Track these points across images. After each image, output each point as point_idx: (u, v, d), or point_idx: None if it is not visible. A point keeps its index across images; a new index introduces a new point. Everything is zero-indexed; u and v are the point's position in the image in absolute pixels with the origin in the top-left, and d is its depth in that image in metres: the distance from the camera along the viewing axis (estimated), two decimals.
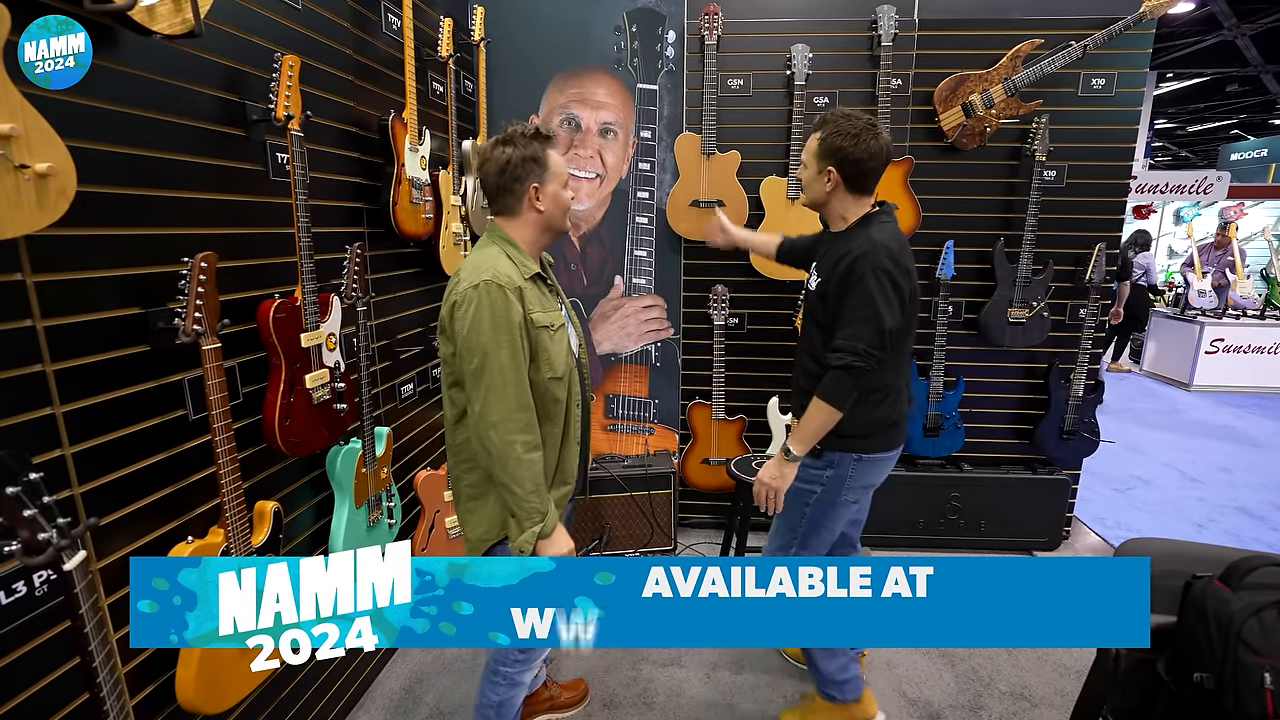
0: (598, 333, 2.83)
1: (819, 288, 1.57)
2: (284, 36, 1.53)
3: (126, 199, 1.15)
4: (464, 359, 1.27)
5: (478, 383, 1.25)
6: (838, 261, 1.51)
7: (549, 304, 1.37)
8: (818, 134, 1.54)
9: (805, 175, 1.60)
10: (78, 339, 1.06)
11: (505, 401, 1.25)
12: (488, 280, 1.24)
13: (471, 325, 1.24)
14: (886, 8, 2.49)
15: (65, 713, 1.05)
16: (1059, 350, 2.80)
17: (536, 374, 1.31)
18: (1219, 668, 1.16)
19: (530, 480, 1.28)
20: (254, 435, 1.45)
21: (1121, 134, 2.64)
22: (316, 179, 1.61)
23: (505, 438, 1.25)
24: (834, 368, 1.47)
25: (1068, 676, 2.10)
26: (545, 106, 2.66)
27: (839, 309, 1.50)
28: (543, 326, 1.32)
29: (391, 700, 2.01)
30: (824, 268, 1.57)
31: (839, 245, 1.55)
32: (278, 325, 1.42)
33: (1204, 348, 5.93)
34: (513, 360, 1.25)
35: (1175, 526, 3.31)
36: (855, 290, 1.46)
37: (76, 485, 1.07)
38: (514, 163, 1.30)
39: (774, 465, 1.59)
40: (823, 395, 1.49)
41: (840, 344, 1.47)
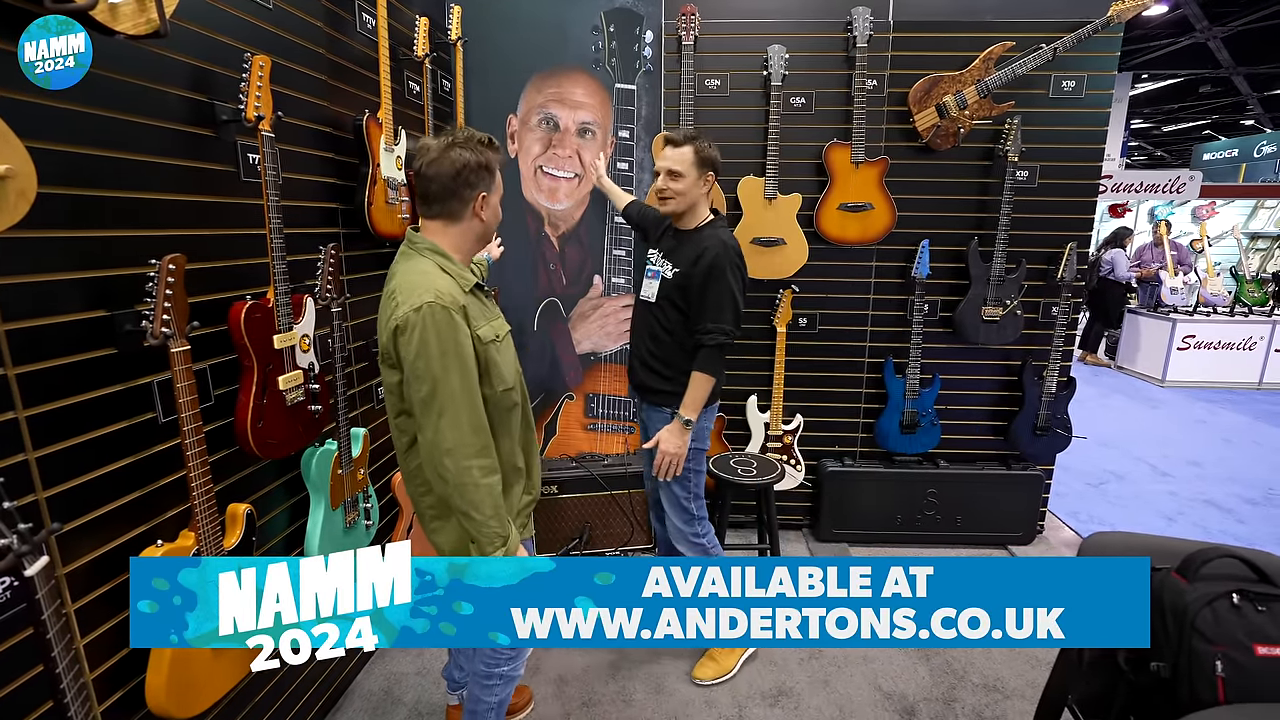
0: (577, 332, 2.83)
1: (678, 278, 1.86)
2: (255, 36, 1.52)
3: (91, 200, 1.14)
4: (412, 386, 1.22)
5: (428, 410, 1.21)
6: (698, 258, 1.80)
7: (490, 313, 1.36)
8: (692, 146, 1.81)
9: (683, 183, 1.82)
10: (41, 342, 1.05)
11: (459, 427, 1.21)
12: (430, 302, 1.19)
13: (418, 352, 1.19)
14: (861, 9, 2.51)
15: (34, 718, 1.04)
16: (1032, 348, 2.85)
17: (489, 389, 1.30)
18: (1174, 657, 1.19)
19: (490, 505, 1.24)
20: (227, 438, 1.44)
21: (1091, 135, 2.70)
22: (290, 179, 1.60)
23: (461, 464, 1.21)
24: (709, 346, 1.80)
25: (1039, 668, 2.15)
26: (523, 106, 2.66)
27: (704, 296, 1.80)
28: (489, 341, 1.30)
29: (369, 701, 2.00)
30: (682, 260, 1.86)
31: (694, 243, 1.85)
32: (249, 327, 1.41)
33: (1176, 344, 6.06)
34: (464, 384, 1.21)
35: (1146, 520, 3.39)
36: (719, 282, 1.79)
37: (41, 490, 1.06)
38: (470, 168, 1.26)
39: (676, 435, 1.87)
40: (703, 368, 1.82)
41: (712, 326, 1.80)
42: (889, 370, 2.83)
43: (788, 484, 2.87)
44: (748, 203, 2.64)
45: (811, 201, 2.68)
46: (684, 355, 1.88)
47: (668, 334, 1.91)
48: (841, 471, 2.89)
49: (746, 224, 2.65)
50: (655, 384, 1.95)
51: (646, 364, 1.97)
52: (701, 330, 1.82)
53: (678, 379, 1.88)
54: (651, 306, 1.95)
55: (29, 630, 1.01)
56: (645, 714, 1.96)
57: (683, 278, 1.85)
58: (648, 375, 1.97)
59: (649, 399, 2.00)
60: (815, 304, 2.84)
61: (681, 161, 1.81)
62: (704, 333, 1.81)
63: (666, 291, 1.90)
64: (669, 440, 1.87)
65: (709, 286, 1.79)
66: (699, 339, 1.82)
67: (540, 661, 2.16)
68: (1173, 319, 6.07)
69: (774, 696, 2.03)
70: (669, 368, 1.92)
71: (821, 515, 2.94)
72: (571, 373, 2.86)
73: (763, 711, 1.98)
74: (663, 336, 1.92)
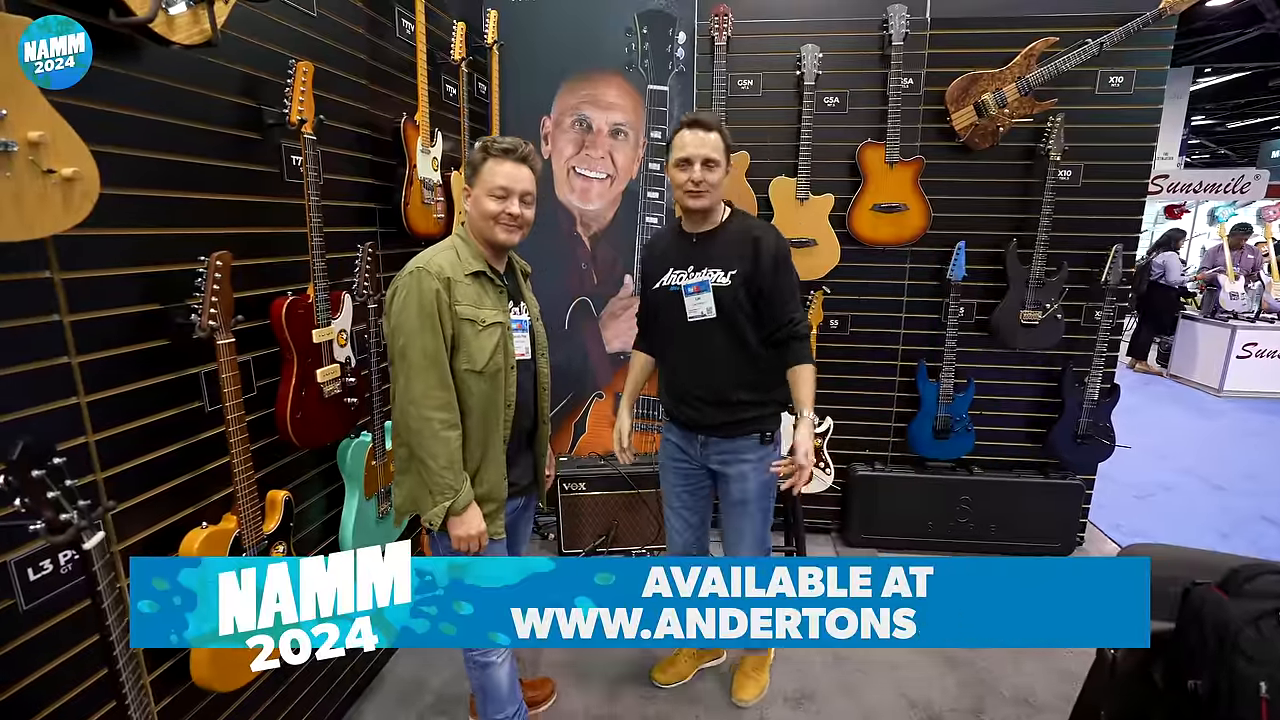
0: (608, 331, 2.86)
1: (739, 280, 1.62)
2: (300, 43, 1.59)
3: (147, 200, 1.21)
4: (393, 339, 1.36)
5: (402, 360, 1.35)
6: (756, 250, 1.62)
7: (489, 302, 1.42)
8: (720, 130, 1.61)
9: (719, 174, 1.61)
10: (101, 333, 1.13)
11: (425, 378, 1.34)
12: (420, 268, 1.35)
13: (401, 308, 1.34)
14: (898, 7, 2.47)
15: (86, 685, 1.12)
16: (1073, 353, 2.75)
17: (456, 363, 1.39)
18: (1214, 675, 1.15)
19: (445, 456, 1.35)
20: (268, 427, 1.51)
21: (1141, 133, 2.59)
22: (330, 180, 1.66)
23: (423, 413, 1.34)
24: (803, 335, 1.66)
25: (1071, 682, 2.07)
26: (557, 108, 2.70)
27: (780, 285, 1.64)
28: (466, 319, 1.38)
29: (399, 686, 2.07)
30: (731, 260, 1.63)
31: (733, 238, 1.66)
32: (290, 321, 1.48)
33: (1236, 352, 5.76)
34: (435, 343, 1.34)
35: (1197, 535, 3.23)
36: (785, 266, 1.65)
37: (99, 471, 1.13)
38: (464, 165, 1.46)
39: (808, 436, 1.60)
40: (807, 359, 1.66)
41: (796, 315, 1.66)
42: (922, 374, 2.78)
43: (816, 487, 2.84)
44: (779, 203, 2.63)
45: (844, 202, 2.65)
46: (765, 364, 1.67)
47: (742, 348, 1.67)
48: (871, 475, 2.85)
49: (777, 224, 2.63)
50: (728, 415, 1.69)
51: (712, 395, 1.69)
52: (791, 322, 1.64)
53: (768, 392, 1.68)
54: (707, 327, 1.66)
55: (87, 602, 1.08)
56: (667, 711, 1.98)
57: (744, 277, 1.62)
58: (714, 411, 1.70)
59: (726, 432, 1.72)
60: (847, 306, 2.80)
61: (717, 148, 1.59)
62: (795, 323, 1.64)
63: (729, 300, 1.64)
64: (805, 443, 1.58)
65: (782, 273, 1.63)
66: (792, 329, 1.64)
67: (562, 656, 2.19)
68: (1232, 325, 5.77)
69: (796, 700, 2.02)
70: (750, 388, 1.68)
71: (850, 519, 2.90)
72: (601, 371, 2.89)
73: (785, 713, 1.97)
74: (734, 355, 1.67)
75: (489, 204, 1.39)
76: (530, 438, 1.59)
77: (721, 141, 1.60)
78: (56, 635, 1.07)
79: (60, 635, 1.08)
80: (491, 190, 1.38)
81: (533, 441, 1.60)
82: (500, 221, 1.40)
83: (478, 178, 1.40)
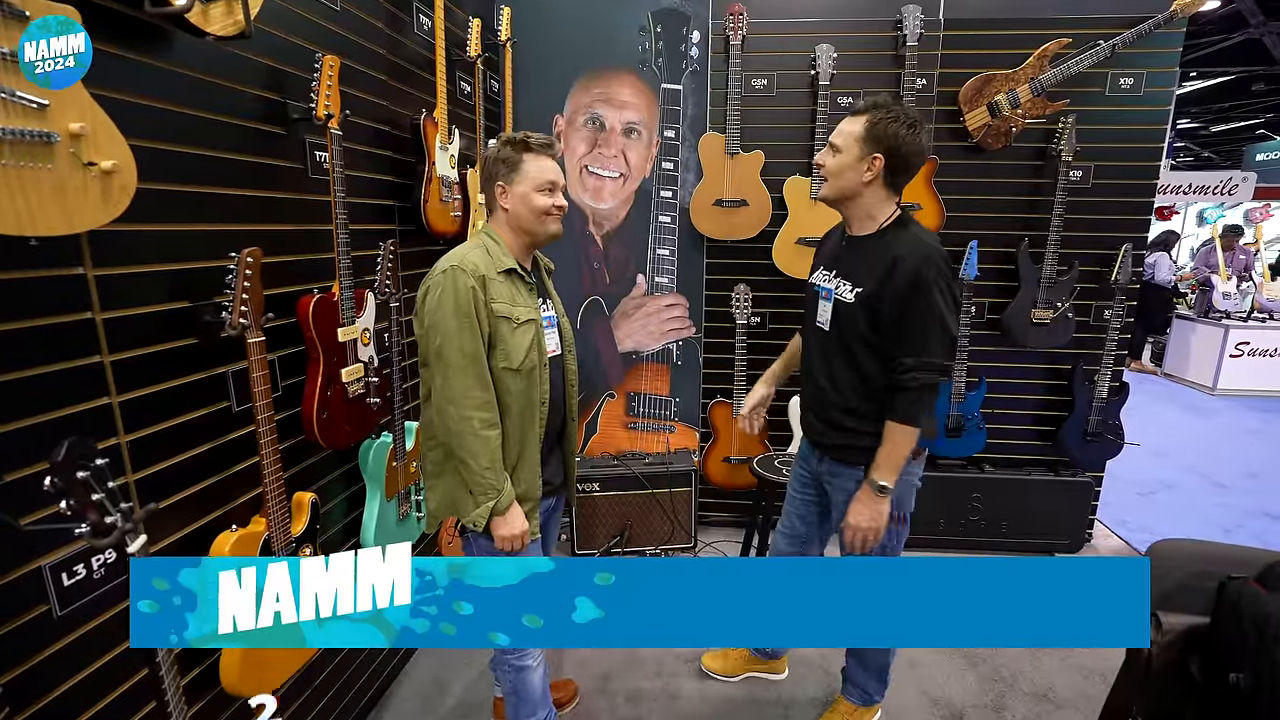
0: (620, 330, 2.85)
1: (862, 299, 1.44)
2: (323, 37, 1.56)
3: (177, 195, 1.18)
4: (429, 339, 1.34)
5: (440, 360, 1.33)
6: (890, 271, 1.40)
7: (521, 300, 1.41)
8: (866, 116, 1.42)
9: (838, 161, 1.44)
10: (132, 331, 1.10)
11: (465, 378, 1.32)
12: (455, 265, 1.33)
13: (437, 306, 1.32)
14: (912, 7, 2.48)
15: (125, 688, 1.09)
16: (1082, 351, 2.77)
17: (493, 361, 1.37)
18: (1255, 668, 1.15)
19: (486, 456, 1.33)
20: (292, 427, 1.49)
21: (1149, 134, 2.62)
22: (352, 177, 1.64)
23: (463, 412, 1.32)
24: (911, 389, 1.41)
25: (1092, 679, 2.09)
26: (570, 106, 2.68)
27: (903, 321, 1.40)
28: (502, 317, 1.36)
29: (419, 690, 2.04)
30: (865, 276, 1.45)
31: (878, 251, 1.44)
32: (317, 319, 1.45)
33: (1229, 351, 5.84)
34: (473, 341, 1.32)
35: (1201, 531, 3.26)
36: (922, 301, 1.38)
37: (131, 473, 1.11)
38: (490, 161, 1.41)
39: (868, 507, 1.46)
40: (905, 419, 1.42)
41: (914, 363, 1.40)
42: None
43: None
44: (793, 203, 2.62)
45: None
46: (875, 400, 1.48)
47: (852, 371, 1.50)
48: None
49: (792, 224, 2.63)
50: (836, 438, 1.56)
51: (823, 411, 1.56)
52: (900, 368, 1.41)
53: (867, 430, 1.49)
54: (827, 337, 1.54)
55: (122, 605, 1.05)
56: (690, 709, 1.96)
57: (870, 298, 1.43)
58: (825, 429, 1.57)
59: (830, 455, 1.60)
60: None
61: (841, 134, 1.44)
62: (903, 371, 1.41)
63: (847, 319, 1.48)
64: (860, 514, 1.47)
65: (909, 308, 1.39)
66: (897, 379, 1.42)
67: (585, 657, 2.17)
68: (1225, 325, 5.85)
69: (823, 702, 2.01)
70: (853, 416, 1.52)
71: None
72: (613, 371, 2.88)
73: (810, 713, 1.96)
74: (847, 376, 1.51)
75: (539, 199, 1.38)
76: (560, 436, 1.57)
77: (863, 128, 1.42)
78: (88, 642, 1.04)
79: (92, 642, 1.05)
80: (541, 185, 1.38)
81: (562, 439, 1.58)
82: (551, 214, 1.40)
83: (519, 174, 1.38)
